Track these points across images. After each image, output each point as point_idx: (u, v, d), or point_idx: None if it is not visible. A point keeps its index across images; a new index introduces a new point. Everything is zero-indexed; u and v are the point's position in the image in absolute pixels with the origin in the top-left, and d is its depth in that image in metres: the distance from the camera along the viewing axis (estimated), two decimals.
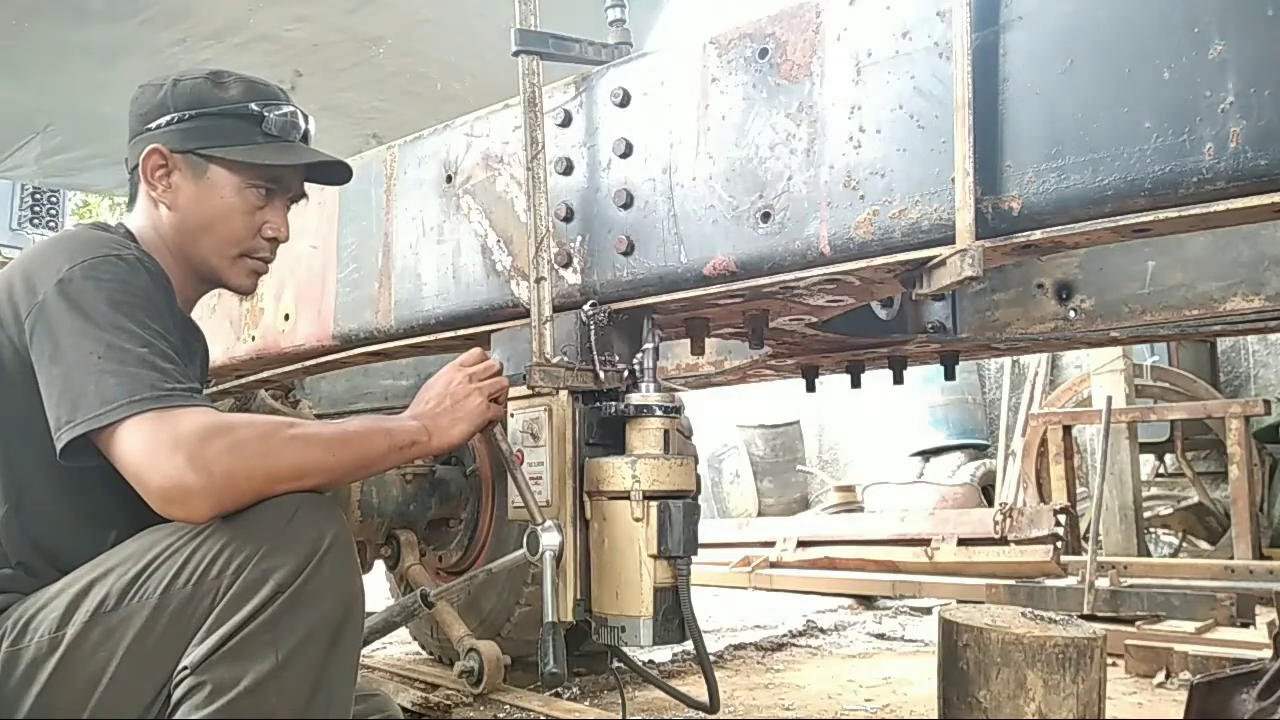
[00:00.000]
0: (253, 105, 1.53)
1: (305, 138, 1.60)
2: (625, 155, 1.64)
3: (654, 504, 1.52)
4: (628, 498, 1.53)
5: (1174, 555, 5.56)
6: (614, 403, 1.63)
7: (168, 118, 1.52)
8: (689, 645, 1.59)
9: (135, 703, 1.21)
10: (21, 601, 1.29)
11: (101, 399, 1.22)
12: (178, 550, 1.22)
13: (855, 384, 2.62)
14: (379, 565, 3.32)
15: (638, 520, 1.52)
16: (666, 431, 1.60)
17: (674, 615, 1.54)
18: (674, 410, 1.62)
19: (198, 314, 2.43)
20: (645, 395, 1.62)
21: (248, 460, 1.22)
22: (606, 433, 1.64)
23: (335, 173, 1.67)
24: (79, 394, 1.23)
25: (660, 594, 1.53)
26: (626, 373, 1.67)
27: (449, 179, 1.92)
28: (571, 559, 1.57)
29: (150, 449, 1.20)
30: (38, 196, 7.05)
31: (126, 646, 1.20)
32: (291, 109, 1.57)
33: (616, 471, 1.54)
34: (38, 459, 1.31)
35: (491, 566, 1.70)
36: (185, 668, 1.18)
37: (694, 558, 1.58)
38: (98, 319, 1.27)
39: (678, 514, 1.52)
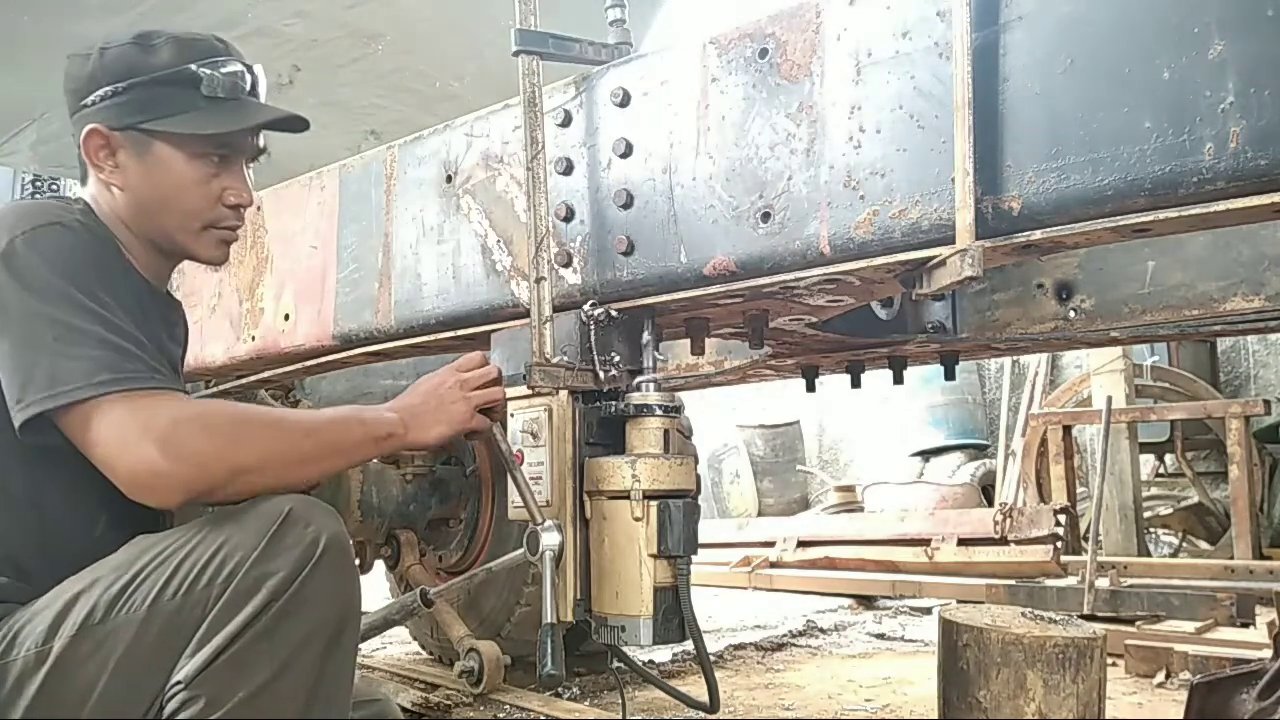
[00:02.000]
0: (190, 67, 1.41)
1: (253, 91, 1.49)
2: (625, 155, 1.64)
3: (654, 503, 1.52)
4: (628, 497, 1.53)
5: (1174, 555, 5.56)
6: (614, 402, 1.63)
7: (100, 92, 1.41)
8: (689, 645, 1.59)
9: (127, 715, 1.18)
10: (14, 613, 1.25)
11: (53, 379, 1.19)
12: (165, 560, 1.19)
13: (855, 384, 2.62)
14: (379, 565, 3.32)
15: (638, 520, 1.52)
16: (666, 431, 1.60)
17: (674, 615, 1.54)
18: (674, 410, 1.62)
19: (201, 315, 2.43)
20: (645, 395, 1.62)
21: (217, 446, 1.21)
22: (606, 432, 1.64)
23: (291, 123, 1.53)
24: (29, 373, 1.21)
25: (660, 593, 1.53)
26: (626, 372, 1.67)
27: (449, 179, 1.92)
28: (571, 558, 1.57)
29: (119, 435, 1.19)
30: (38, 189, 7.04)
31: (116, 661, 1.17)
32: (234, 65, 1.45)
33: (616, 471, 1.54)
34: (14, 446, 1.27)
35: (491, 566, 1.70)
36: (179, 682, 1.16)
37: (694, 558, 1.58)
38: (46, 293, 1.24)
39: (678, 513, 1.52)
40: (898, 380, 2.57)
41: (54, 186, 7.08)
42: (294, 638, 1.17)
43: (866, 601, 4.67)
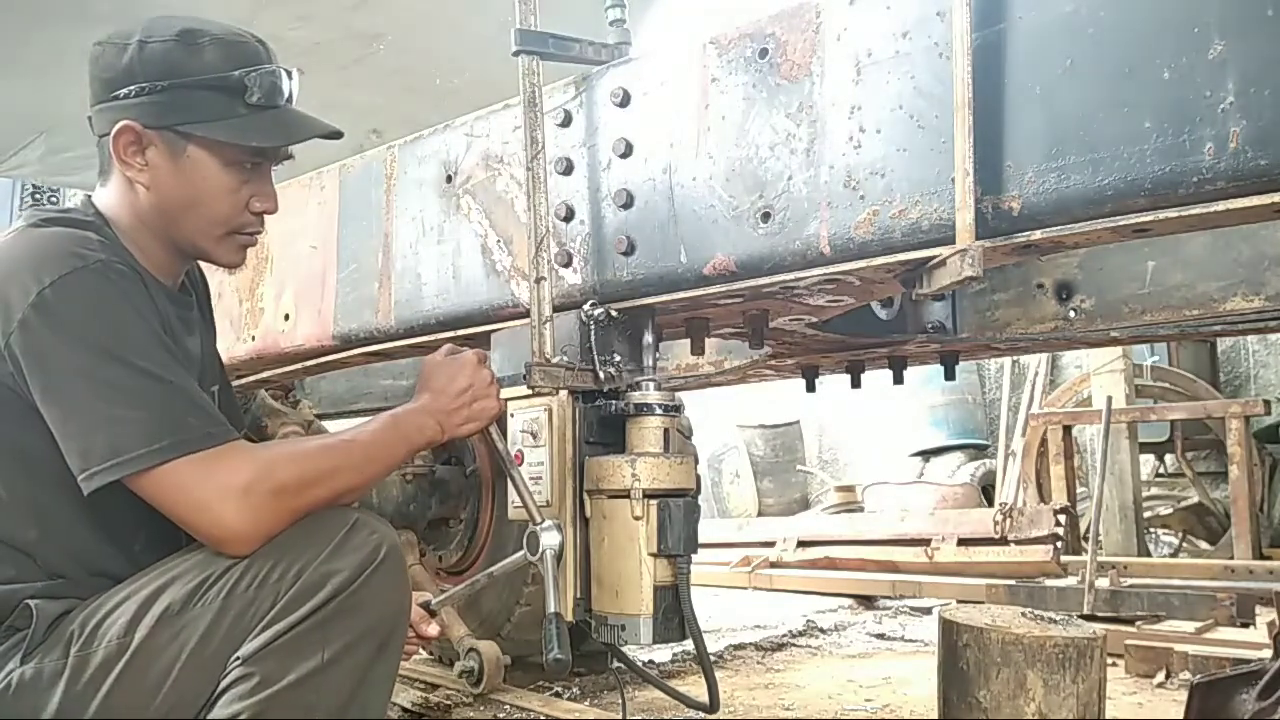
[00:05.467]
0: (233, 73, 1.39)
1: (290, 99, 1.47)
2: (625, 155, 1.64)
3: (654, 502, 1.52)
4: (628, 496, 1.53)
5: (1174, 555, 5.55)
6: (614, 401, 1.63)
7: (136, 87, 1.37)
8: (689, 645, 1.59)
9: (196, 700, 1.24)
10: (84, 607, 1.29)
11: (114, 447, 1.22)
12: (241, 559, 1.26)
13: (855, 384, 2.62)
14: None
15: (638, 518, 1.52)
16: (666, 430, 1.60)
17: (674, 614, 1.55)
18: (674, 409, 1.62)
19: None
20: (645, 394, 1.62)
21: (288, 499, 1.28)
22: (607, 431, 1.64)
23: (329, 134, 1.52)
24: (87, 439, 1.24)
25: (660, 592, 1.53)
26: (626, 372, 1.67)
27: (449, 179, 1.92)
28: (571, 558, 1.57)
29: (196, 499, 1.25)
30: (37, 198, 7.04)
31: (191, 648, 1.23)
32: (273, 69, 1.43)
33: (616, 470, 1.54)
34: (54, 476, 1.29)
35: (493, 570, 1.70)
36: (239, 658, 1.22)
37: (694, 558, 1.58)
38: (88, 349, 1.25)
39: (678, 512, 1.53)
40: (898, 380, 2.57)
41: (53, 203, 7.09)
42: (349, 633, 1.24)
43: (866, 601, 4.67)
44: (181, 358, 1.36)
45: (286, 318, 2.27)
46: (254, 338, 2.35)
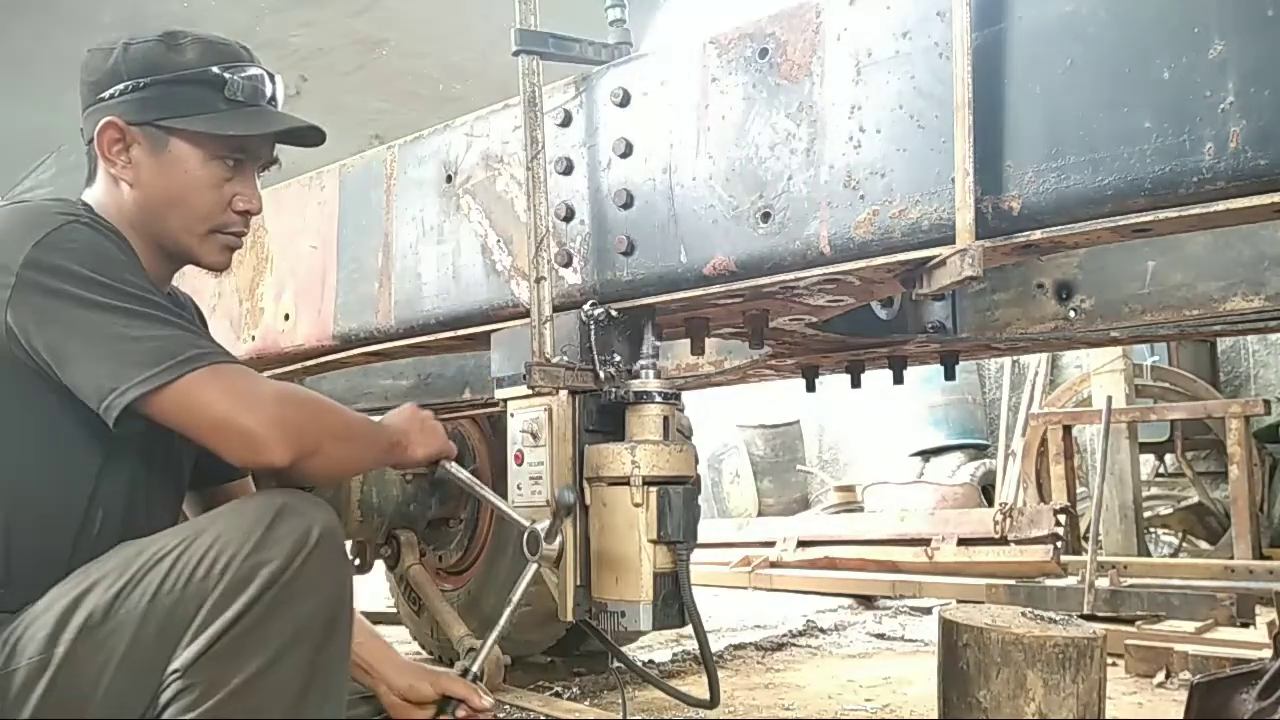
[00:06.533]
0: (213, 69, 1.41)
1: (273, 100, 1.49)
2: (625, 155, 1.64)
3: (654, 489, 1.53)
4: (628, 483, 1.53)
5: (1174, 555, 5.56)
6: (615, 389, 1.63)
7: (121, 86, 1.40)
8: (689, 645, 1.60)
9: (129, 712, 1.19)
10: (10, 622, 1.24)
11: (141, 364, 1.22)
12: (162, 558, 1.20)
13: (855, 384, 2.62)
14: (379, 565, 3.32)
15: (637, 505, 1.53)
16: (666, 418, 1.60)
17: (674, 600, 1.55)
18: (673, 396, 1.63)
19: None
20: (645, 382, 1.62)
21: (312, 417, 1.32)
22: (607, 420, 1.64)
23: (308, 135, 1.53)
24: (115, 364, 1.23)
25: (660, 579, 1.53)
26: (626, 372, 1.67)
27: (449, 179, 1.92)
28: (572, 546, 1.57)
29: (225, 408, 1.24)
30: None
31: (118, 659, 1.18)
32: (256, 70, 1.45)
33: (616, 457, 1.55)
34: (13, 466, 1.28)
35: (513, 598, 1.64)
36: (175, 670, 1.17)
37: (694, 557, 1.58)
38: (90, 287, 1.25)
39: (677, 499, 1.53)
40: (898, 380, 2.57)
41: None
42: (288, 627, 1.18)
43: (866, 601, 4.67)
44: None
45: (286, 318, 2.27)
46: (254, 338, 2.35)
